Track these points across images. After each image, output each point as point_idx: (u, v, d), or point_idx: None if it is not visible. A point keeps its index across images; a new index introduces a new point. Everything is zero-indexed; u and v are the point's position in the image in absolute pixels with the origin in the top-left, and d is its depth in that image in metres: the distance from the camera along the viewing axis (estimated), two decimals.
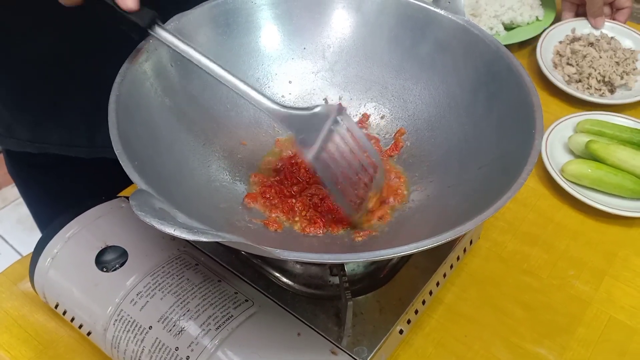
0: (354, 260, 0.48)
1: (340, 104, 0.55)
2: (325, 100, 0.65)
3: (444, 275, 0.61)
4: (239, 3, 0.60)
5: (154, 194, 0.42)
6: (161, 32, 0.50)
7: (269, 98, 0.52)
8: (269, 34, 0.63)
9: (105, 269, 0.53)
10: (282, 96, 0.64)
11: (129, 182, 0.66)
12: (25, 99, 0.72)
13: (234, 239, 0.38)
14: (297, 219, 0.55)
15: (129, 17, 0.49)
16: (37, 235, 0.90)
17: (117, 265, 0.53)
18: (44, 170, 0.81)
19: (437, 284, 0.60)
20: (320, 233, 0.54)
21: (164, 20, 0.54)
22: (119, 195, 0.61)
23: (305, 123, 0.52)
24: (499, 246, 0.68)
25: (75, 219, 0.56)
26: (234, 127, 0.61)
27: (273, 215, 0.55)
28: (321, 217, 0.55)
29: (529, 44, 0.94)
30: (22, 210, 1.85)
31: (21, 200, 1.93)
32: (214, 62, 0.51)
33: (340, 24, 0.64)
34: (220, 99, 0.61)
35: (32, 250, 0.58)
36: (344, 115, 0.52)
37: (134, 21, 0.49)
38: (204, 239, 0.36)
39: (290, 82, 0.65)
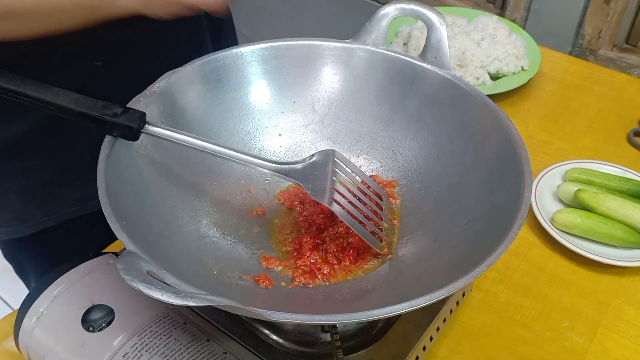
0: (345, 321, 0.47)
1: (332, 150, 0.57)
2: None
3: (437, 330, 0.60)
4: (229, 59, 0.61)
5: (142, 254, 0.41)
6: (153, 129, 0.51)
7: (270, 160, 0.55)
8: (259, 89, 0.64)
9: (91, 329, 0.52)
10: (274, 151, 0.64)
11: None
12: (33, 177, 0.70)
13: (223, 301, 0.38)
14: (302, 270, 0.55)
15: (121, 123, 0.50)
16: (23, 284, 0.88)
17: (103, 325, 0.52)
18: (48, 237, 0.77)
19: (431, 338, 0.59)
20: (311, 284, 0.54)
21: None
22: (106, 251, 0.60)
23: (309, 173, 0.55)
24: (491, 297, 0.67)
25: (62, 277, 0.55)
26: (224, 181, 0.61)
27: (296, 277, 0.54)
28: (331, 263, 0.55)
29: (515, 93, 0.96)
30: None
31: None
32: (210, 142, 0.53)
33: (330, 78, 0.65)
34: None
35: (17, 298, 0.56)
36: (339, 156, 0.56)
37: (126, 125, 0.50)
38: (192, 304, 0.36)
39: (280, 135, 0.65)
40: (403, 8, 0.62)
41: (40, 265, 0.80)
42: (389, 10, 0.63)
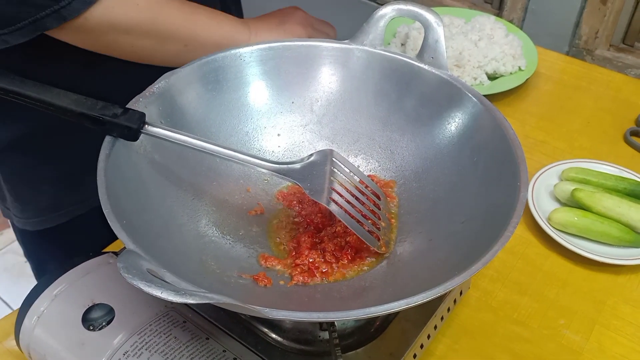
0: (343, 319, 0.48)
1: (330, 150, 0.58)
2: None
3: (435, 328, 0.61)
4: (228, 60, 0.61)
5: (142, 253, 0.42)
6: (152, 129, 0.52)
7: (269, 160, 0.55)
8: (257, 89, 0.64)
9: (91, 328, 0.52)
10: (272, 151, 0.65)
11: None
12: (61, 166, 0.72)
13: (222, 299, 0.38)
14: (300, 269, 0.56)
15: (121, 123, 0.50)
16: (23, 284, 0.89)
17: (104, 324, 0.52)
18: (67, 233, 0.79)
19: (428, 336, 0.59)
20: (310, 282, 0.54)
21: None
22: (107, 251, 0.61)
23: (307, 172, 0.55)
24: (489, 295, 0.68)
25: (63, 276, 0.55)
26: (223, 180, 0.62)
27: (295, 275, 0.55)
28: (330, 263, 0.56)
29: (512, 93, 0.97)
30: (8, 258, 1.83)
31: (7, 249, 1.91)
32: (209, 142, 0.53)
33: (327, 79, 0.66)
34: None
35: (17, 298, 0.57)
36: (337, 156, 0.57)
37: (126, 125, 0.50)
38: (192, 301, 0.36)
39: (279, 135, 0.66)
40: (400, 9, 0.63)
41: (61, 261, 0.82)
42: (387, 10, 0.63)
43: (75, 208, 0.76)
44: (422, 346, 0.58)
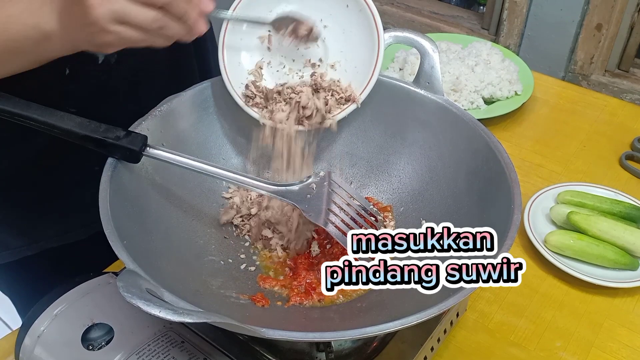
0: (339, 338, 0.48)
1: (328, 172, 0.59)
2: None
3: (432, 349, 0.61)
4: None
5: (142, 273, 0.43)
6: (154, 151, 0.53)
7: (268, 182, 0.56)
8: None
9: (91, 347, 0.53)
10: (271, 174, 0.66)
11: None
12: (13, 206, 0.70)
13: (219, 319, 0.39)
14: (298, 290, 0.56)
15: (123, 145, 0.51)
16: None
17: (103, 344, 0.53)
18: (37, 269, 0.76)
19: (425, 358, 0.60)
20: (307, 303, 0.55)
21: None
22: (106, 271, 0.61)
23: (305, 194, 0.56)
24: (485, 317, 0.68)
25: (63, 296, 0.56)
26: (223, 201, 0.63)
27: (292, 296, 0.56)
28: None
29: (509, 117, 0.98)
30: None
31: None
32: (210, 165, 0.54)
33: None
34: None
35: (17, 319, 0.57)
36: (335, 178, 0.58)
37: (128, 147, 0.51)
38: (189, 320, 0.37)
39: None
40: (397, 36, 0.64)
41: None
42: (385, 37, 0.65)
43: (30, 249, 0.73)
44: None
